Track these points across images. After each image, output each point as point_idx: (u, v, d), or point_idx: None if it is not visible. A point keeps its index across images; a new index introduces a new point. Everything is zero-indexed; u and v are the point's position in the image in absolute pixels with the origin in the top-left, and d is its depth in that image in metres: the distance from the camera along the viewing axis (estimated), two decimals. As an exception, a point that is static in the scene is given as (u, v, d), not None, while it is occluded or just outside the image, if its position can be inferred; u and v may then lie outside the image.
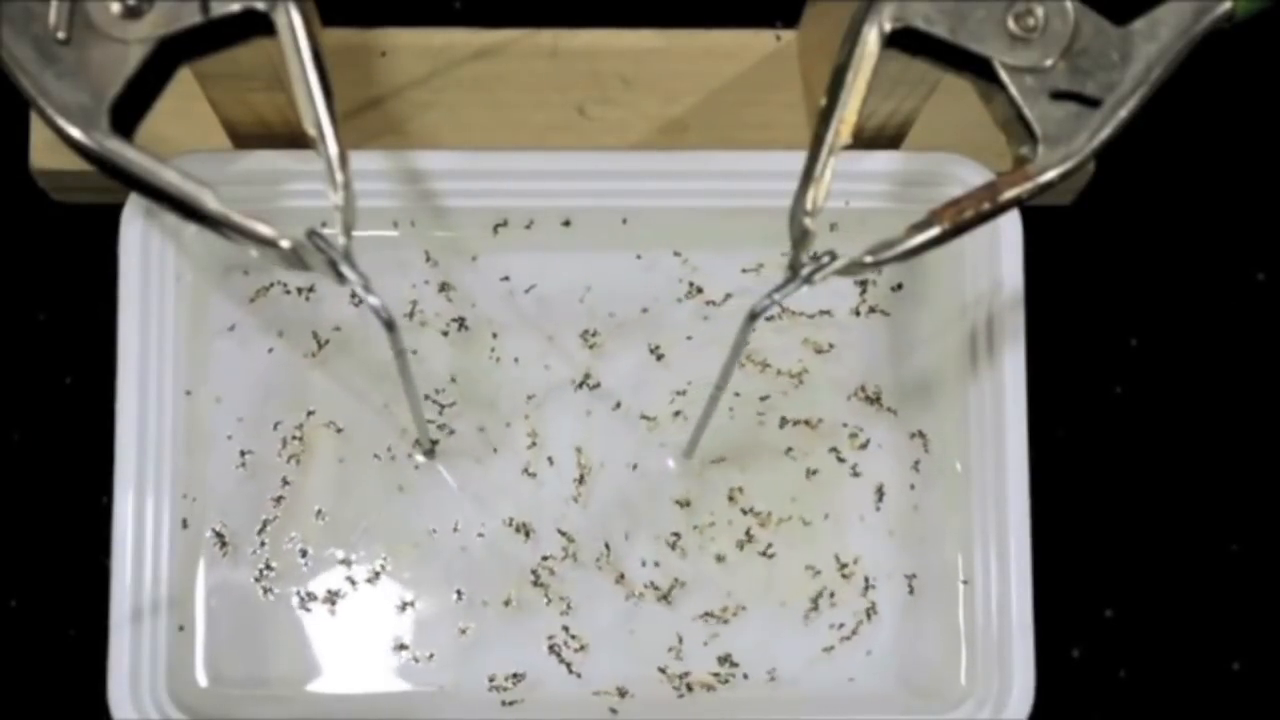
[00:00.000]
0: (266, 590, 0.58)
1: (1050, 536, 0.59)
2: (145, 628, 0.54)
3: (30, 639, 0.63)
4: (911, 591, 0.59)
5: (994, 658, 0.56)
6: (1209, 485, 0.67)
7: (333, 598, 0.58)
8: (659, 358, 0.60)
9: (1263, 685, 0.66)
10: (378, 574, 0.58)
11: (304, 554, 0.58)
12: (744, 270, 0.60)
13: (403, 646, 0.58)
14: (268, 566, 0.58)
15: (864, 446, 0.60)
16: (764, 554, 0.59)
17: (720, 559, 0.59)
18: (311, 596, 0.58)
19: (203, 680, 0.57)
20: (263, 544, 0.58)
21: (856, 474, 0.60)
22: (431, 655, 0.58)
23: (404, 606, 0.58)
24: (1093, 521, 0.66)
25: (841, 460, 0.60)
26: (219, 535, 0.58)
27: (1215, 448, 0.67)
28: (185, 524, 0.57)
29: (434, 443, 0.59)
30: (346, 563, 0.58)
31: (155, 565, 0.55)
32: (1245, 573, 0.66)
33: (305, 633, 0.58)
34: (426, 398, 0.59)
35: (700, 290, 0.60)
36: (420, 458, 0.59)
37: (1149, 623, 0.66)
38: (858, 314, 0.60)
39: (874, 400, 0.60)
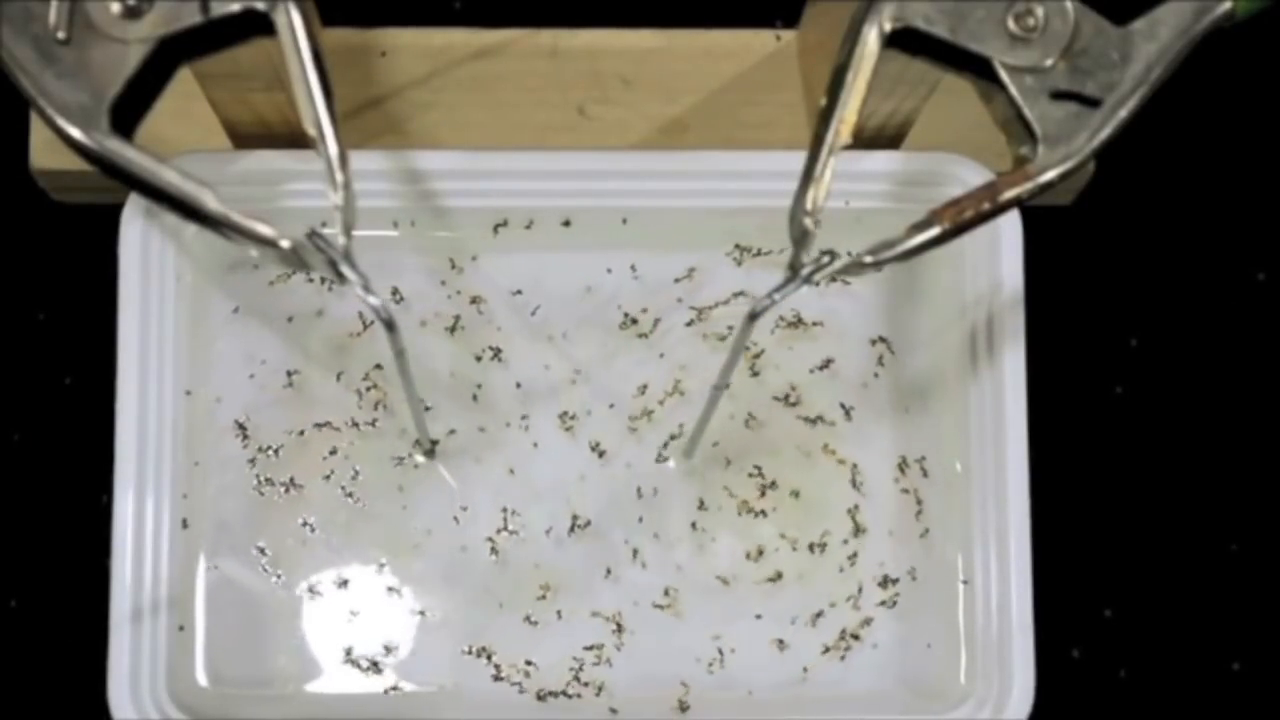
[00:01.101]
0: (266, 590, 0.58)
1: (1050, 536, 0.59)
2: (145, 628, 0.54)
3: (30, 639, 0.63)
4: (912, 591, 0.59)
5: (994, 658, 0.56)
6: (1209, 485, 0.67)
7: (332, 597, 0.58)
8: (660, 357, 0.60)
9: (1263, 685, 0.66)
10: (378, 574, 0.58)
11: (304, 554, 0.58)
12: (744, 271, 0.60)
13: (402, 646, 0.58)
14: (268, 566, 0.58)
15: (865, 446, 0.60)
16: (765, 553, 0.59)
17: (721, 559, 0.59)
18: (311, 596, 0.58)
19: (203, 680, 0.57)
20: (262, 544, 0.58)
21: (857, 473, 0.60)
22: (432, 655, 0.58)
23: (404, 607, 0.58)
24: (1093, 521, 0.66)
25: (841, 460, 0.60)
26: (218, 535, 0.58)
27: (1215, 448, 0.67)
28: (185, 524, 0.57)
29: (434, 443, 0.59)
30: (346, 563, 0.58)
31: (155, 565, 0.55)
32: (1245, 573, 0.66)
33: (305, 633, 0.58)
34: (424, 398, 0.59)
35: (702, 290, 0.60)
36: (420, 458, 0.59)
37: (1149, 623, 0.66)
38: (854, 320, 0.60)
39: (874, 400, 0.60)
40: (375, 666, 0.58)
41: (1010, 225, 0.57)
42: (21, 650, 0.63)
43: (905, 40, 0.44)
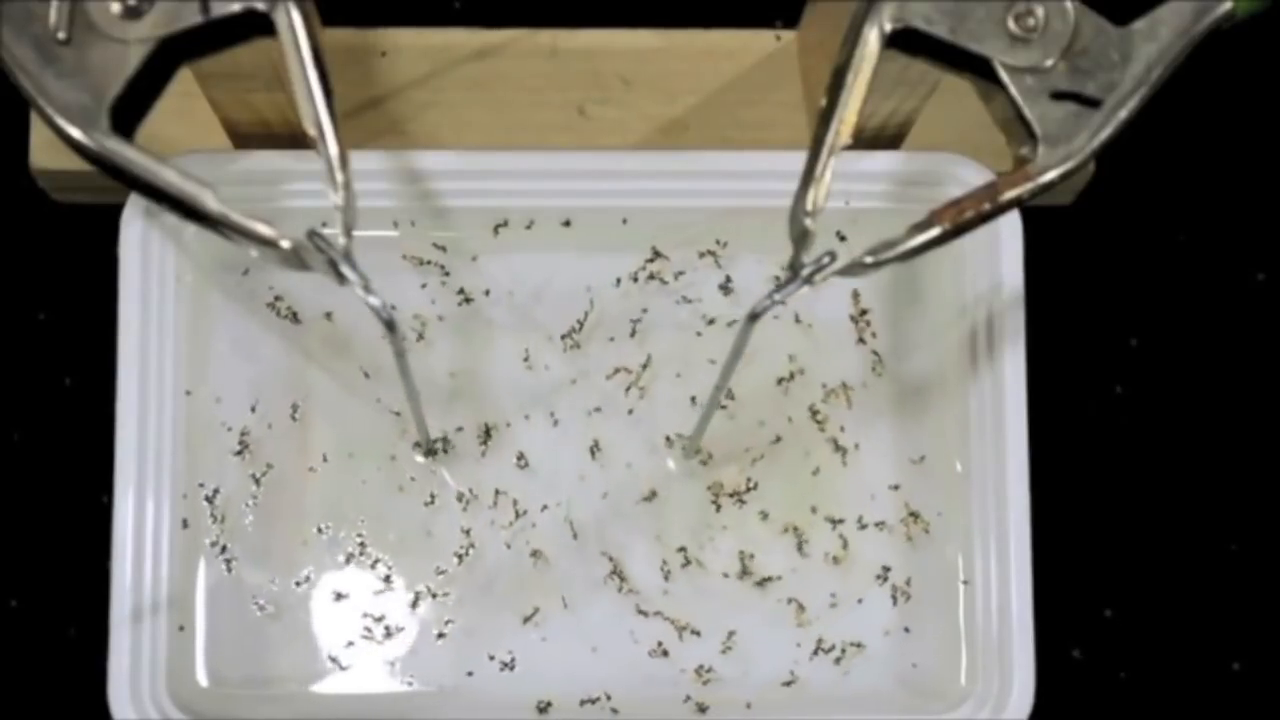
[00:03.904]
0: (266, 590, 0.58)
1: (1050, 536, 0.59)
2: (145, 628, 0.54)
3: (30, 639, 0.63)
4: (912, 591, 0.59)
5: (994, 658, 0.56)
6: (1209, 485, 0.67)
7: (333, 598, 0.58)
8: (660, 357, 0.60)
9: (1263, 685, 0.66)
10: (377, 574, 0.58)
11: (304, 554, 0.58)
12: (745, 271, 0.60)
13: (403, 646, 0.58)
14: (268, 566, 0.58)
15: (864, 446, 0.60)
16: (764, 553, 0.59)
17: (721, 558, 0.59)
18: (311, 596, 0.58)
19: (203, 680, 0.57)
20: (262, 544, 0.58)
21: (856, 474, 0.60)
22: (432, 655, 0.58)
23: (404, 606, 0.58)
24: (1093, 521, 0.66)
25: (841, 461, 0.60)
26: (218, 535, 0.58)
27: (1215, 448, 0.67)
28: (185, 524, 0.57)
29: (434, 443, 0.59)
30: (346, 563, 0.58)
31: (155, 565, 0.55)
32: (1245, 573, 0.66)
33: (305, 632, 0.58)
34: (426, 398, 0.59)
35: (702, 290, 0.60)
36: (420, 458, 0.59)
37: (1149, 623, 0.66)
38: (854, 321, 0.60)
39: (874, 400, 0.60)
40: (375, 667, 0.58)
41: (1010, 225, 0.57)
42: (21, 650, 0.63)
43: (905, 40, 0.44)
